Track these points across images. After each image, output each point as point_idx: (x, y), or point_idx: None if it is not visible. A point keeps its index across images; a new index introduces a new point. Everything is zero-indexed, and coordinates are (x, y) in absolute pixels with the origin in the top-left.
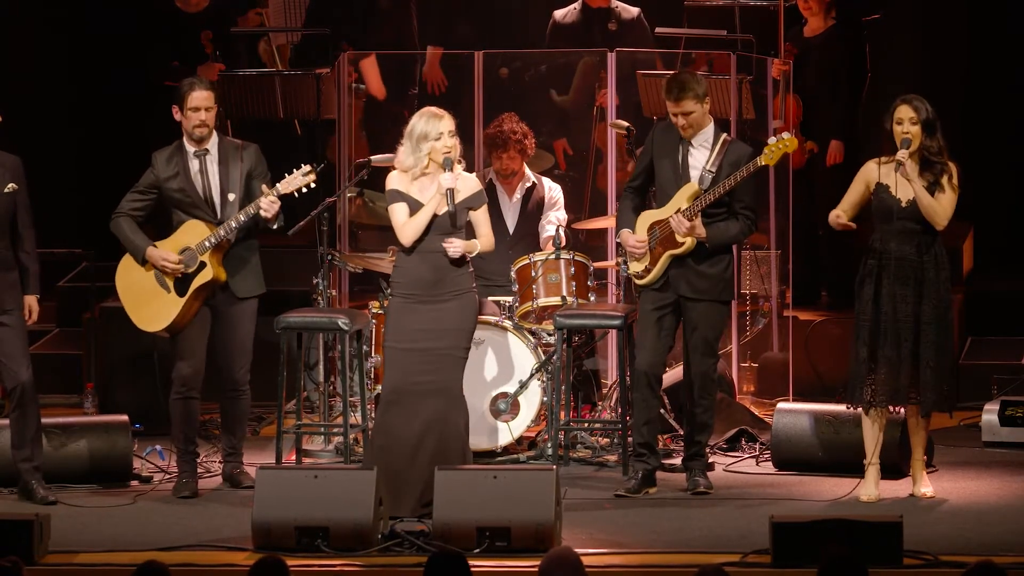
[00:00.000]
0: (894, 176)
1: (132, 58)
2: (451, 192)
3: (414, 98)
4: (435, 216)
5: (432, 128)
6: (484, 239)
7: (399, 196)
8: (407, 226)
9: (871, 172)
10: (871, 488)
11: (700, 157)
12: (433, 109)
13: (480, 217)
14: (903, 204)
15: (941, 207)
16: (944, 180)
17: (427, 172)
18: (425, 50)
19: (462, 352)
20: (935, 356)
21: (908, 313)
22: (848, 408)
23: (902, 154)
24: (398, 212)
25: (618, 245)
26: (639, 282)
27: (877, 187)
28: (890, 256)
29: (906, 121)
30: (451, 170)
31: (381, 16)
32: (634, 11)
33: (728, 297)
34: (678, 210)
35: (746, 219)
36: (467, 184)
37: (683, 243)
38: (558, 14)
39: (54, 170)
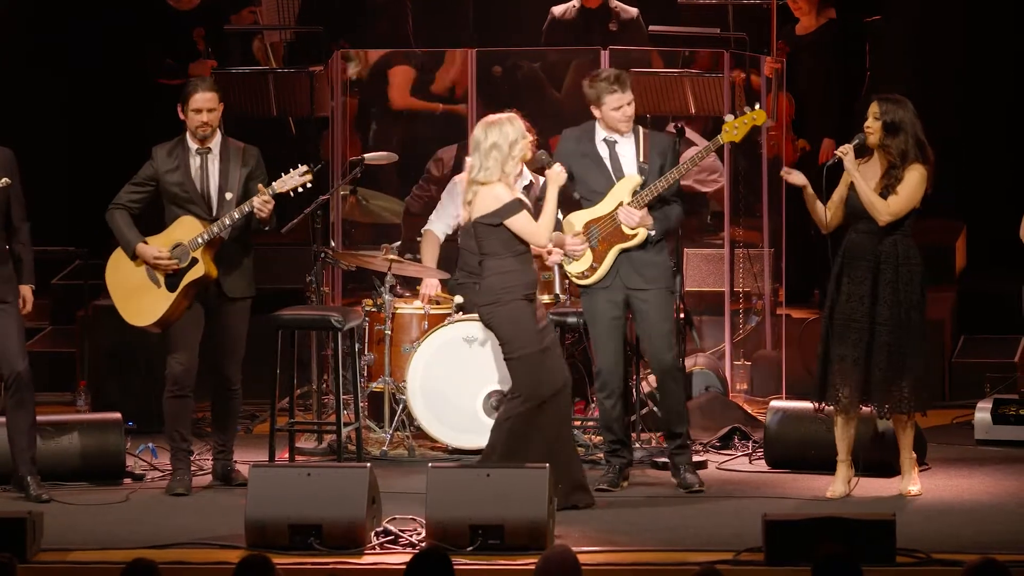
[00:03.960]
0: (866, 177)
1: (126, 55)
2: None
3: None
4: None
5: (519, 129)
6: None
7: (520, 204)
8: (543, 227)
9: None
10: (838, 485)
11: (628, 152)
12: (500, 115)
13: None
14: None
15: (881, 202)
16: (896, 185)
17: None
18: (416, 46)
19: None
20: (886, 359)
21: (864, 313)
22: (816, 409)
23: (843, 148)
24: (527, 218)
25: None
26: (583, 282)
27: (850, 186)
28: (850, 255)
29: (870, 117)
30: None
31: (375, 13)
32: (633, 11)
33: (673, 286)
34: (620, 204)
35: (678, 204)
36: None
37: (634, 235)
38: (556, 10)
39: (47, 167)
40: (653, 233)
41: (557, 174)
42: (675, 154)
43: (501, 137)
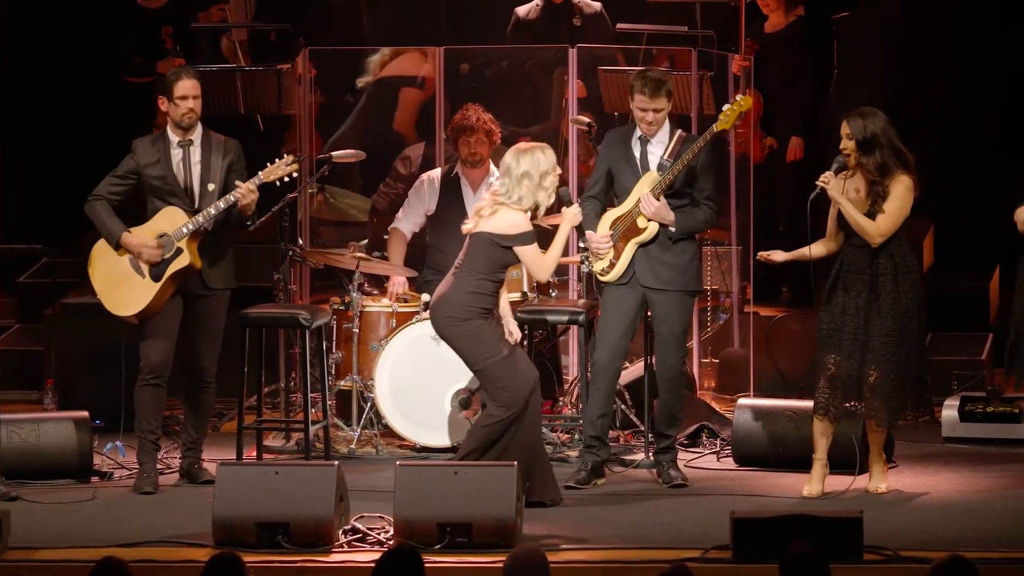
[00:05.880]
0: (850, 191)
1: (94, 55)
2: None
3: (363, 92)
4: None
5: (550, 161)
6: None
7: (534, 236)
8: (549, 262)
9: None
10: (815, 484)
11: (657, 151)
12: (533, 144)
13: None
14: None
15: (871, 224)
16: (881, 202)
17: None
18: (377, 45)
19: None
20: (896, 368)
21: (858, 326)
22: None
23: (824, 177)
24: (537, 251)
25: (581, 247)
26: (604, 278)
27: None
28: (847, 269)
29: (843, 138)
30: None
31: (333, 12)
32: (596, 6)
33: (695, 287)
34: (639, 200)
35: (708, 208)
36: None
37: (644, 228)
38: (520, 11)
39: (14, 167)
40: (673, 230)
41: (574, 215)
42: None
43: (532, 166)
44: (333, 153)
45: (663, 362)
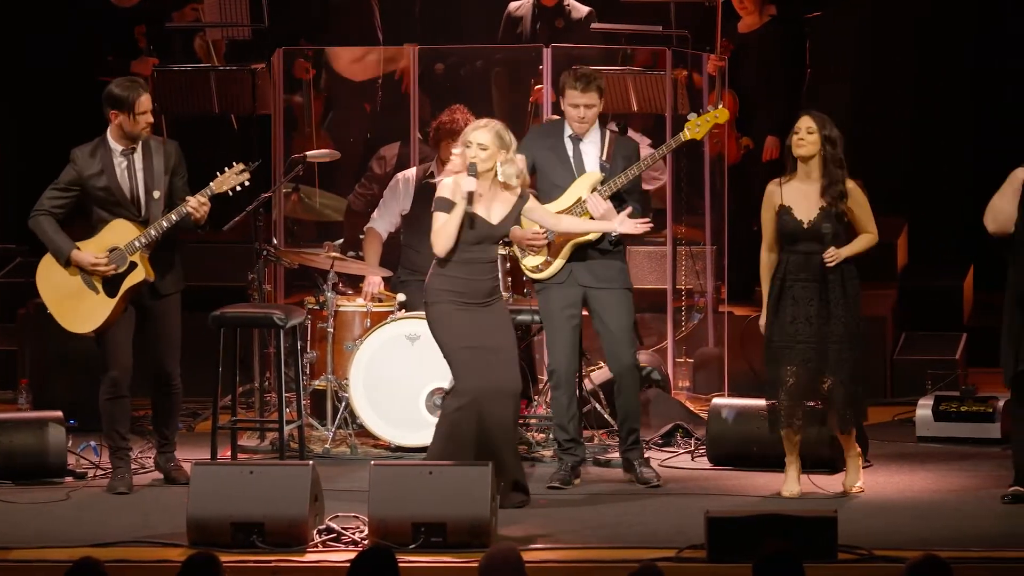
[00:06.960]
0: (795, 197)
1: (66, 53)
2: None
3: (377, 89)
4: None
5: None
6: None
7: (445, 203)
8: (436, 235)
9: (774, 195)
10: (792, 485)
11: (591, 151)
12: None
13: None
14: (805, 226)
15: (870, 238)
16: (845, 207)
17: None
18: (382, 42)
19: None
20: (848, 373)
21: (811, 334)
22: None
23: (830, 254)
24: (438, 220)
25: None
26: (538, 276)
27: (780, 208)
28: (794, 278)
29: (803, 130)
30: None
31: (341, 10)
32: (584, 10)
33: (630, 286)
34: (579, 199)
35: (637, 209)
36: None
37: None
38: (512, 6)
39: None
40: (614, 235)
41: (468, 185)
42: (638, 159)
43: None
44: (308, 153)
45: (616, 359)
